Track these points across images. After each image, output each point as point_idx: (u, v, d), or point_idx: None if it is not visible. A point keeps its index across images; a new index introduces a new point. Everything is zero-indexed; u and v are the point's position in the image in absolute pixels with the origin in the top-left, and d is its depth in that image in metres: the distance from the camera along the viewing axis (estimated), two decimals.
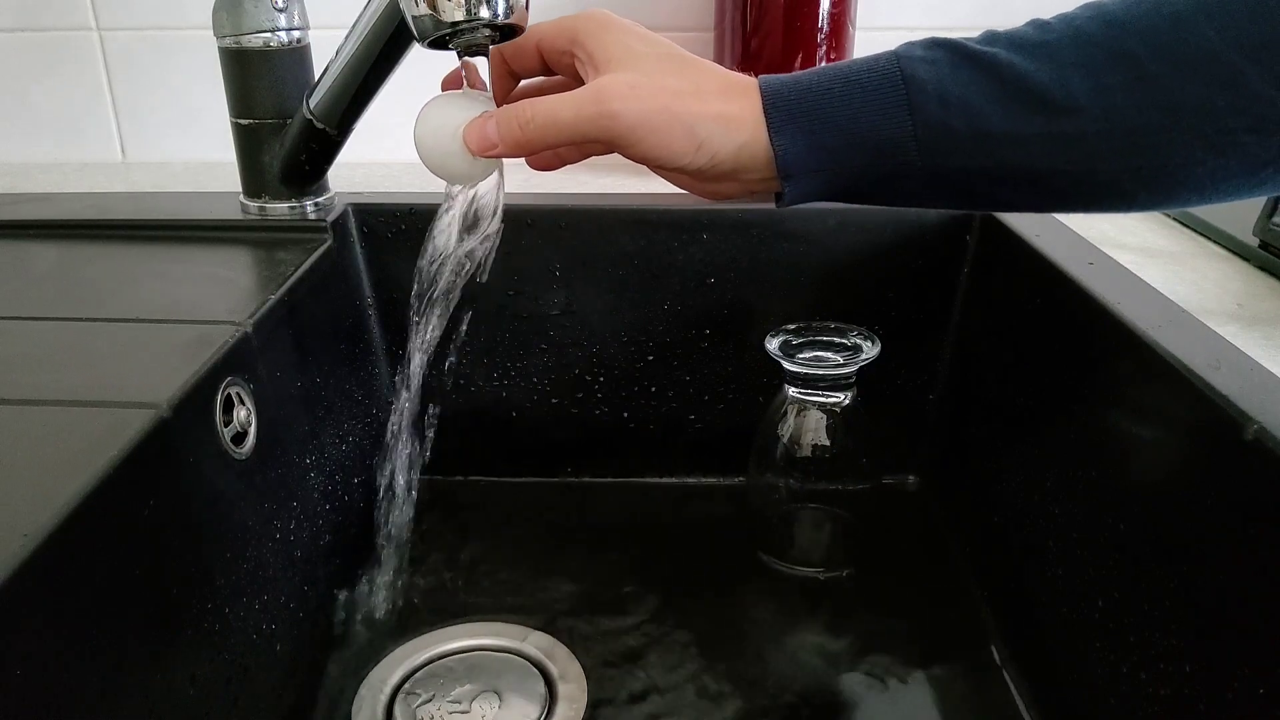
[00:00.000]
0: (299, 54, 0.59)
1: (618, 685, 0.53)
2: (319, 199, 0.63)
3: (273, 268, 0.55)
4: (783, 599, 0.60)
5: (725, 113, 0.40)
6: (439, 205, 0.66)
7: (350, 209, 0.65)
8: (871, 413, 0.62)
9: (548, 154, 0.45)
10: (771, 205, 0.46)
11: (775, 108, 0.40)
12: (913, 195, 0.40)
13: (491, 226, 0.48)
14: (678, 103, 0.40)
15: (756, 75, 0.42)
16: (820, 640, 0.57)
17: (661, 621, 0.58)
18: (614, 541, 0.65)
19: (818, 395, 0.60)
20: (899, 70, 0.38)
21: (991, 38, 0.38)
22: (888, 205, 0.42)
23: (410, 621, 0.58)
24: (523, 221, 0.65)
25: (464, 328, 0.65)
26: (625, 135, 0.40)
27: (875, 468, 0.64)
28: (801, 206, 0.50)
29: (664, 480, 0.71)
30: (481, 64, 0.46)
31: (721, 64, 0.73)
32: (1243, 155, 0.35)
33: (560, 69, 0.45)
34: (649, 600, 0.60)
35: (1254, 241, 0.56)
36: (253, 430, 0.47)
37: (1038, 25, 0.38)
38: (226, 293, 0.52)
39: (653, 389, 0.69)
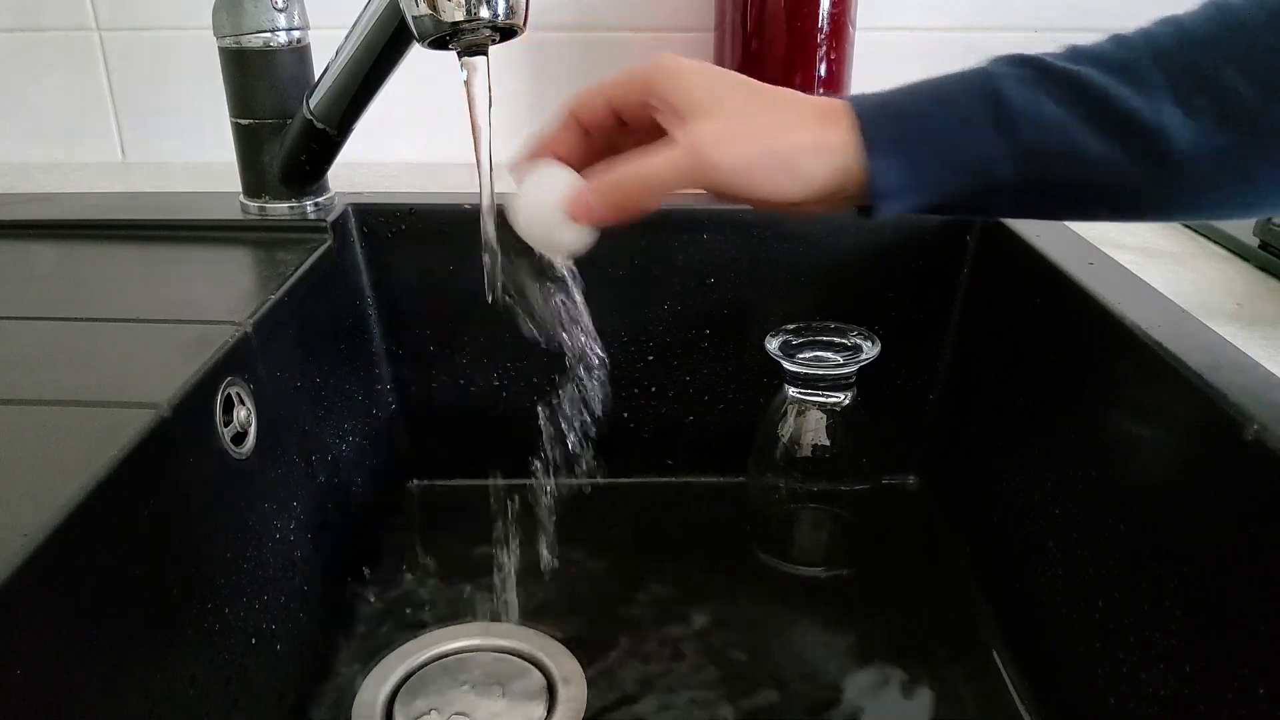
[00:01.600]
0: (299, 54, 0.59)
1: (618, 685, 0.53)
2: (319, 199, 0.63)
3: (273, 268, 0.55)
4: (783, 599, 0.60)
5: (821, 142, 0.40)
6: (439, 205, 0.66)
7: (350, 209, 0.65)
8: (871, 413, 0.62)
9: None
10: None
11: (871, 131, 0.40)
12: (1000, 209, 0.41)
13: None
14: (776, 140, 0.40)
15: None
16: (820, 640, 0.57)
17: (661, 621, 0.58)
18: (614, 541, 0.65)
19: (818, 395, 0.60)
20: (993, 91, 0.39)
21: (1077, 55, 0.39)
22: (971, 218, 0.42)
23: (410, 622, 0.58)
24: None
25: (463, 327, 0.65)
26: (728, 182, 0.40)
27: (875, 468, 0.64)
28: None
29: (664, 480, 0.71)
30: (481, 64, 0.46)
31: (721, 64, 0.73)
32: None
33: (636, 121, 0.45)
34: (649, 600, 0.60)
35: (1254, 241, 0.56)
36: (253, 430, 0.47)
37: (1119, 42, 0.39)
38: (226, 293, 0.52)
39: (653, 389, 0.69)
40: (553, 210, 0.44)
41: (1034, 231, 0.58)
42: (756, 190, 0.41)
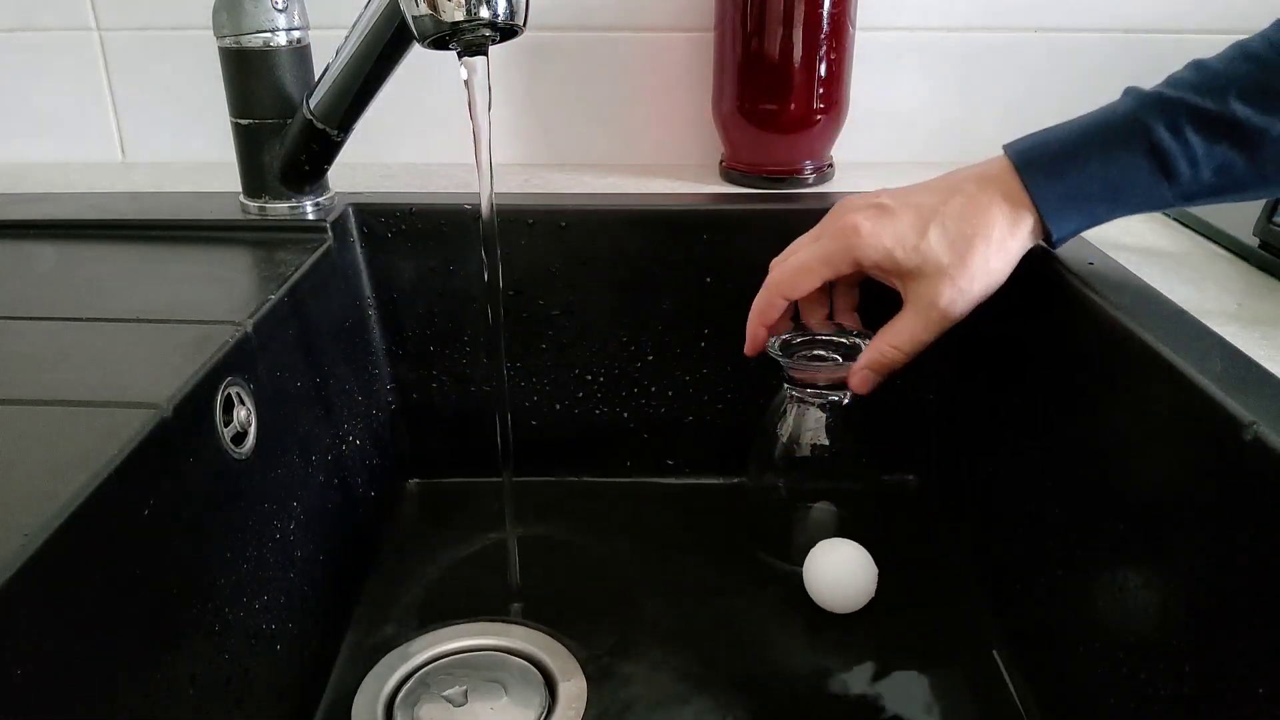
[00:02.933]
0: (299, 54, 0.59)
1: (618, 685, 0.53)
2: (319, 199, 0.63)
3: (273, 268, 0.55)
4: (783, 599, 0.60)
5: (1012, 240, 0.49)
6: (439, 205, 0.66)
7: (350, 209, 0.65)
8: (871, 413, 0.61)
9: None
10: (772, 205, 0.46)
11: (1050, 208, 0.47)
12: (1151, 214, 0.51)
13: None
14: (991, 252, 0.49)
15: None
16: (820, 640, 0.57)
17: (661, 621, 0.58)
18: (613, 541, 0.65)
19: (817, 395, 0.60)
20: (1150, 146, 0.45)
21: (1214, 87, 0.44)
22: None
23: (411, 621, 0.58)
24: (523, 221, 0.65)
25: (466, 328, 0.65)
26: (966, 312, 0.51)
27: (875, 467, 0.64)
28: (802, 205, 0.51)
29: (664, 480, 0.71)
30: (481, 64, 0.46)
31: (721, 65, 0.73)
32: None
33: (843, 281, 0.56)
34: (649, 600, 0.60)
35: (1254, 241, 0.56)
36: (253, 430, 0.47)
37: (1251, 58, 0.44)
38: (226, 293, 0.52)
39: (653, 389, 0.69)
40: (851, 578, 0.58)
41: None
42: (962, 313, 0.51)
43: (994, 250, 0.48)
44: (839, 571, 0.57)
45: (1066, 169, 0.47)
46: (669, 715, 0.51)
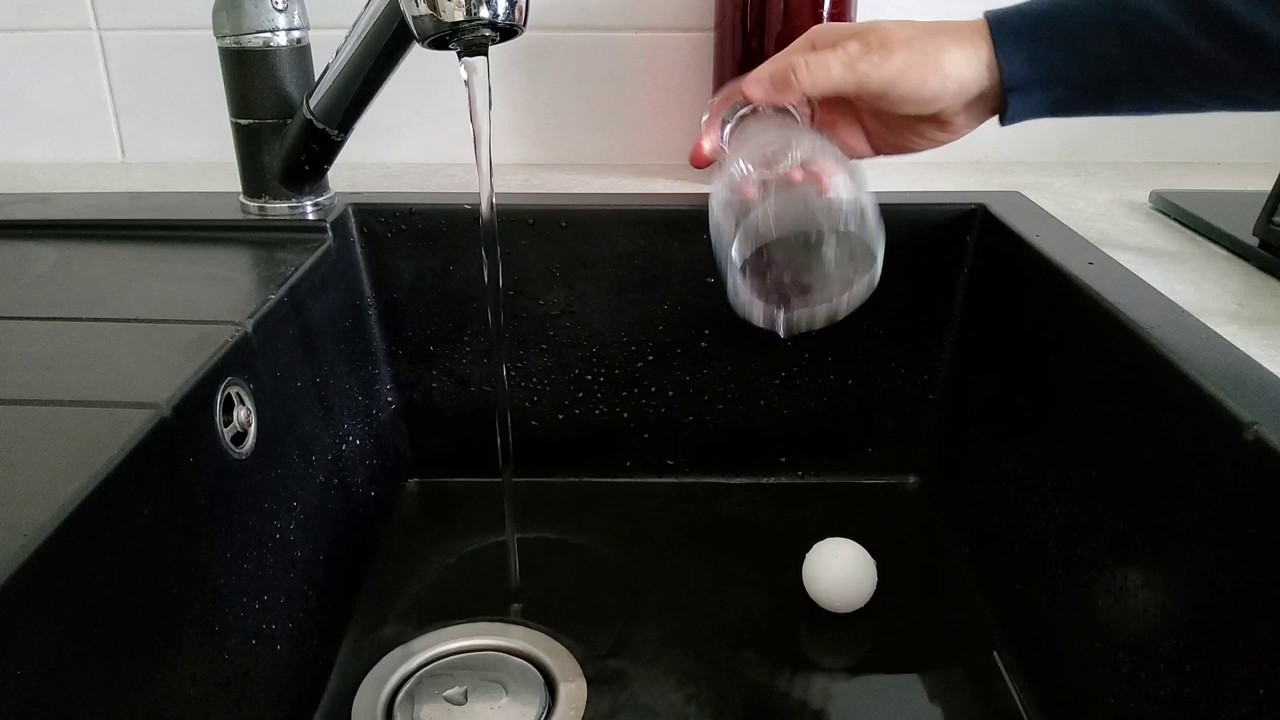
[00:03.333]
0: (299, 54, 0.59)
1: (618, 685, 0.53)
2: (319, 199, 0.63)
3: (273, 268, 0.55)
4: (783, 599, 0.60)
5: (962, 43, 0.47)
6: (439, 205, 0.66)
7: (350, 209, 0.65)
8: (871, 413, 0.62)
9: None
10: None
11: (1002, 33, 0.47)
12: (1121, 104, 0.47)
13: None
14: (925, 43, 0.47)
15: None
16: (820, 640, 0.57)
17: (661, 621, 0.58)
18: (614, 541, 0.65)
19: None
20: None
21: None
22: (1093, 114, 0.48)
23: (410, 621, 0.58)
24: (523, 221, 0.65)
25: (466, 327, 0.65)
26: (885, 78, 0.47)
27: (875, 467, 0.64)
28: None
29: (664, 480, 0.71)
30: (481, 64, 0.46)
31: (721, 65, 0.73)
32: None
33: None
34: (649, 600, 0.60)
35: (1254, 241, 0.56)
36: (253, 430, 0.47)
37: None
38: (226, 293, 0.52)
39: (653, 389, 0.69)
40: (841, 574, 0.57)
41: (1034, 231, 0.58)
42: (909, 86, 0.47)
43: (939, 35, 0.48)
44: (839, 571, 0.57)
45: (1025, 6, 0.47)
46: (669, 715, 0.51)
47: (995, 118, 0.50)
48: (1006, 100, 0.47)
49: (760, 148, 0.47)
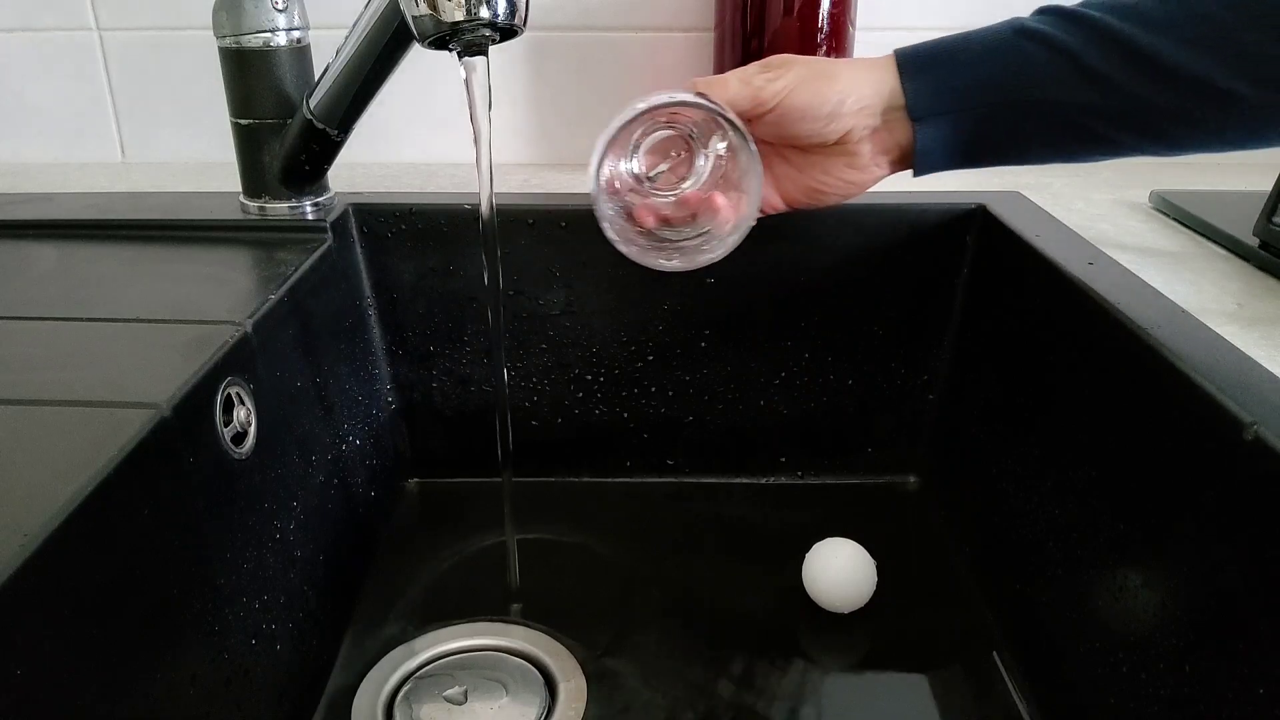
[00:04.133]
0: (299, 54, 0.59)
1: (618, 685, 0.53)
2: (319, 199, 0.63)
3: (273, 268, 0.55)
4: (782, 599, 0.60)
5: (863, 66, 0.47)
6: (439, 205, 0.66)
7: (350, 209, 0.65)
8: (872, 413, 0.62)
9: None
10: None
11: (906, 58, 0.47)
12: (1031, 137, 0.47)
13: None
14: (826, 65, 0.48)
15: None
16: (820, 640, 0.57)
17: (661, 621, 0.58)
18: (614, 541, 0.65)
19: None
20: (1010, 24, 0.46)
21: (1089, 3, 0.46)
22: (1009, 161, 0.48)
23: (410, 622, 0.58)
24: (523, 221, 0.65)
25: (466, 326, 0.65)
26: (781, 92, 0.47)
27: (875, 467, 0.64)
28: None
29: (663, 480, 0.71)
30: (481, 64, 0.46)
31: (721, 65, 0.73)
32: None
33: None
34: (648, 600, 0.60)
35: (1254, 241, 0.56)
36: (253, 430, 0.47)
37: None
38: (226, 293, 0.52)
39: (653, 389, 0.69)
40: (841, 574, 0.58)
41: (1034, 231, 0.58)
42: (803, 99, 0.46)
43: (840, 62, 0.48)
44: (839, 571, 0.57)
45: (931, 41, 0.48)
46: (669, 715, 0.51)
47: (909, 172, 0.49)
48: (915, 133, 0.47)
49: (661, 157, 0.50)
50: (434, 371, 0.69)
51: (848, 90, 0.46)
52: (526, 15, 0.45)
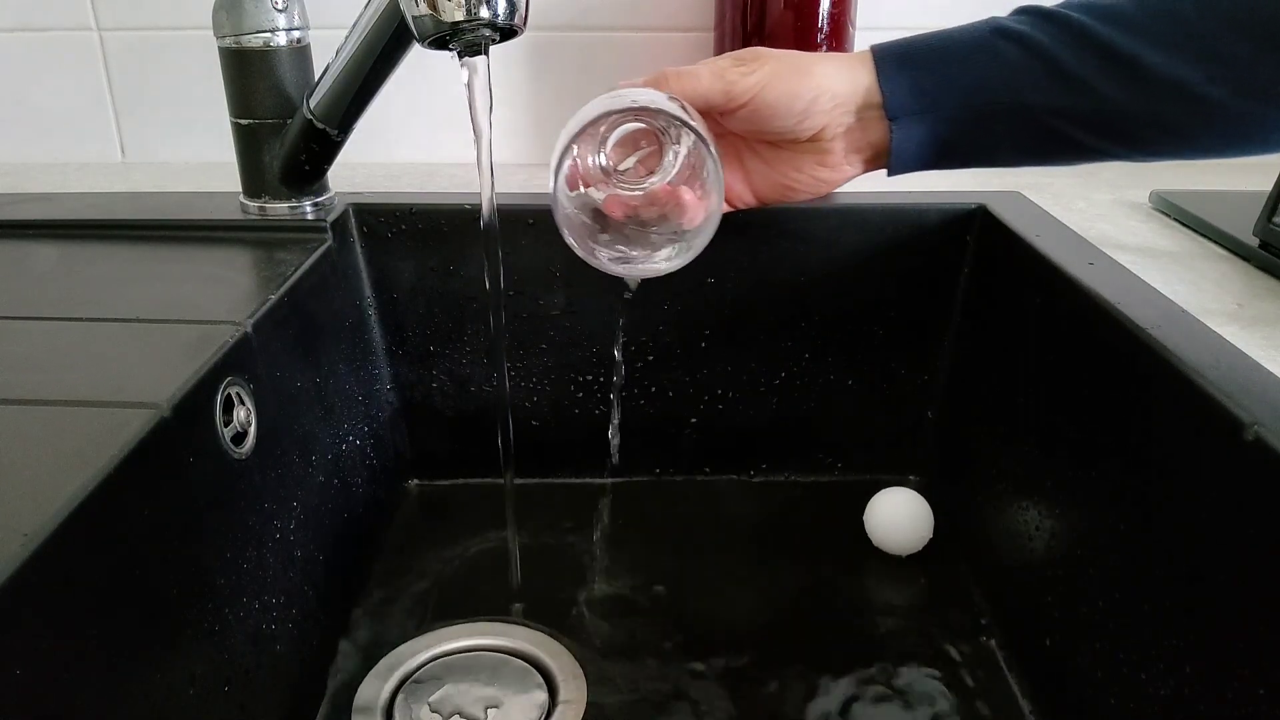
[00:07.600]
0: (299, 54, 0.59)
1: (618, 685, 0.53)
2: (319, 199, 0.63)
3: (273, 268, 0.55)
4: (783, 598, 0.60)
5: (840, 62, 0.47)
6: (439, 205, 0.66)
7: (350, 209, 0.65)
8: (872, 413, 0.62)
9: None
10: (772, 205, 0.46)
11: (883, 56, 0.46)
12: (1004, 139, 0.46)
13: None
14: (801, 57, 0.47)
15: None
16: (821, 639, 0.57)
17: (662, 621, 0.58)
18: (613, 541, 0.65)
19: None
20: (989, 23, 0.46)
21: (1069, 4, 0.45)
22: (980, 163, 0.48)
23: (410, 621, 0.58)
24: (523, 221, 0.65)
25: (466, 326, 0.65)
26: (754, 86, 0.46)
27: (875, 467, 0.64)
28: (803, 205, 0.51)
29: (663, 480, 0.71)
30: (481, 64, 0.46)
31: None
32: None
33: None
34: (649, 600, 0.60)
35: (1254, 241, 0.56)
36: (253, 430, 0.47)
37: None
38: (226, 293, 0.52)
39: (653, 389, 0.69)
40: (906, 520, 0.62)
41: (1034, 231, 0.58)
42: (776, 94, 0.45)
43: (816, 57, 0.47)
44: (898, 513, 0.61)
45: (909, 38, 0.48)
46: (669, 715, 0.51)
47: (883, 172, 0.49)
48: (890, 132, 0.46)
49: (627, 153, 0.49)
50: (434, 372, 0.69)
51: (823, 87, 0.46)
52: (526, 15, 0.45)
